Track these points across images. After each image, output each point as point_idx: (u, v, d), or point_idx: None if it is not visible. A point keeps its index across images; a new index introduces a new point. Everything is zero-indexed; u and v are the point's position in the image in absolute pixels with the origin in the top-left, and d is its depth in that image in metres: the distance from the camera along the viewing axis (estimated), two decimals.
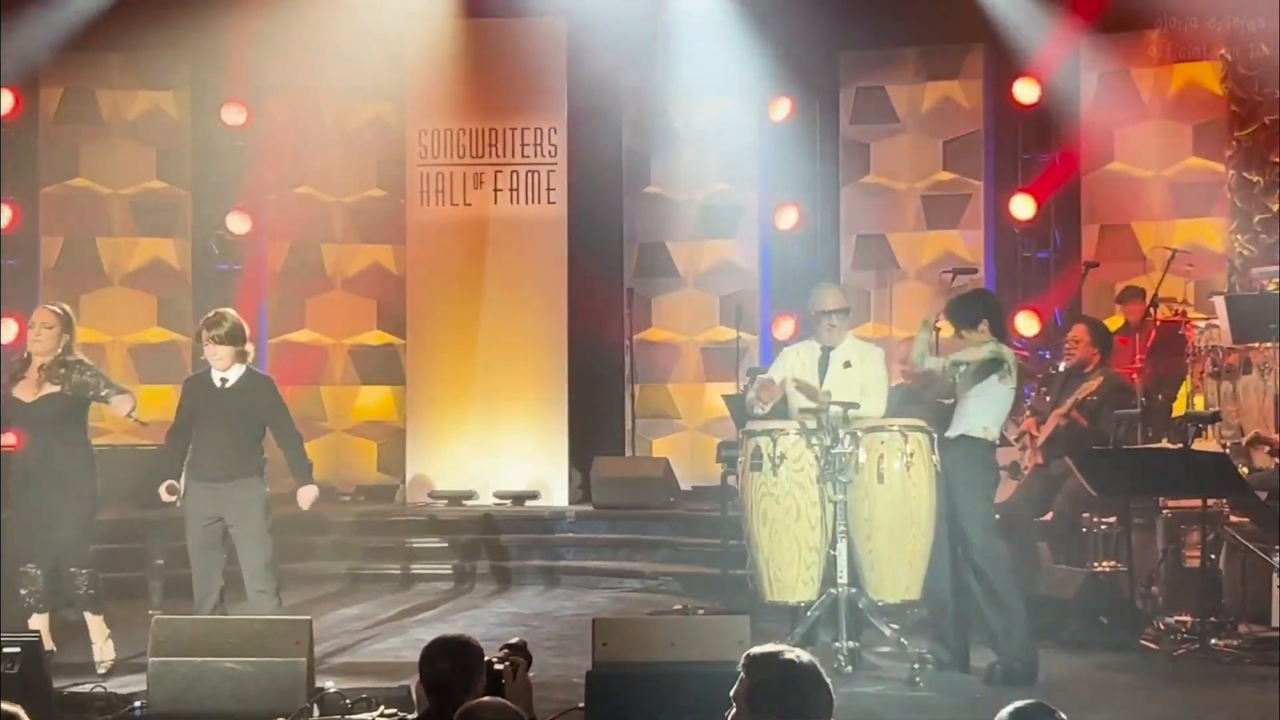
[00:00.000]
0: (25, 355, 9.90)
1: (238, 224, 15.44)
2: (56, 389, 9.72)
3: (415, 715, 6.64)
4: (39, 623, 9.63)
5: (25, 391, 9.72)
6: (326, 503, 14.49)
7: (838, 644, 9.14)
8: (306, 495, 10.02)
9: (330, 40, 14.97)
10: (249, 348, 10.10)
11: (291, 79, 15.49)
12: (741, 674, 4.65)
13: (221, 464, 9.75)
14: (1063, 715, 4.58)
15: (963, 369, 9.63)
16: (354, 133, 15.81)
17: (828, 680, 4.55)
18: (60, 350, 9.79)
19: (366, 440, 15.85)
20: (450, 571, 13.69)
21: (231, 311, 10.22)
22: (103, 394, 9.89)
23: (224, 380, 9.80)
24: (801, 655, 4.74)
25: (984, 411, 9.59)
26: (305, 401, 15.39)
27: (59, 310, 10.03)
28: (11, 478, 9.95)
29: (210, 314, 10.25)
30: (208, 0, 14.73)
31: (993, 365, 9.51)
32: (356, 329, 15.98)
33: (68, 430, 9.87)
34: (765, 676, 4.65)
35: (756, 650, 4.66)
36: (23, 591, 9.75)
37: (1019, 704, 4.65)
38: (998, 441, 9.92)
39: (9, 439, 10.18)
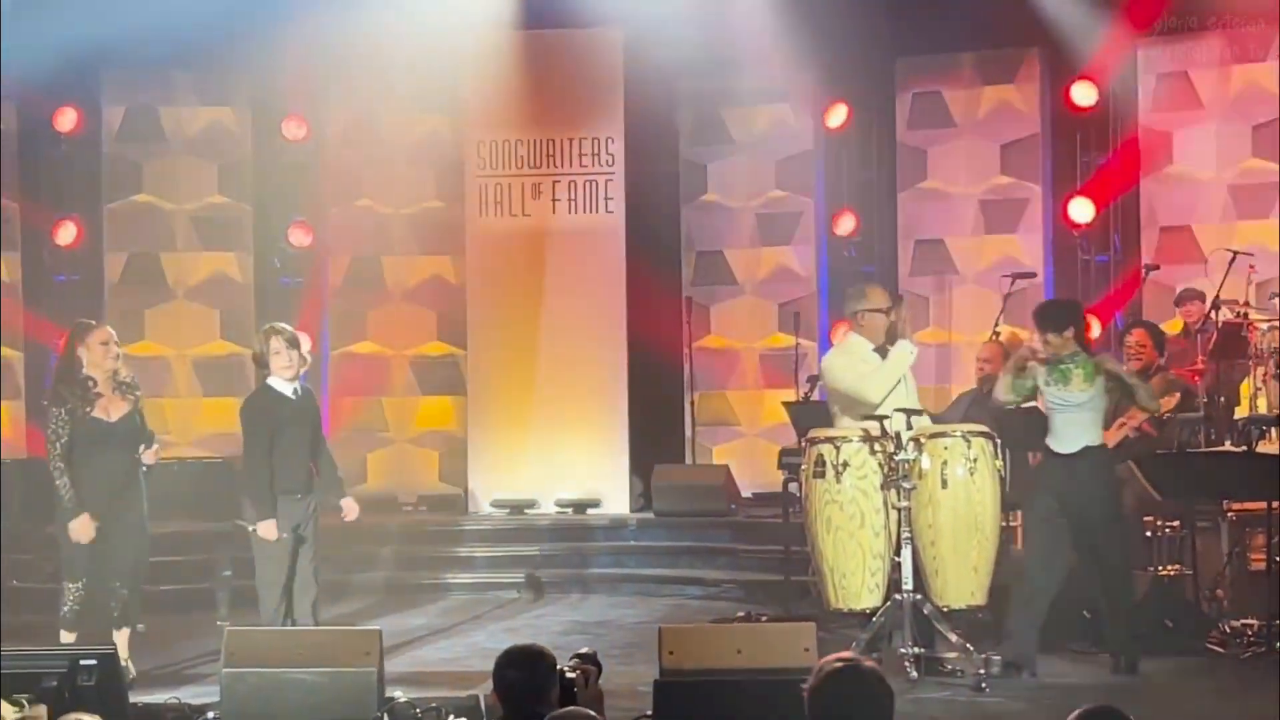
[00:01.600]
0: (82, 376, 9.81)
1: (299, 238, 15.55)
2: (129, 408, 9.82)
3: None
4: (119, 638, 9.64)
5: (105, 411, 9.75)
6: (389, 513, 14.73)
7: (904, 650, 9.14)
8: (352, 507, 10.07)
9: (387, 54, 14.94)
10: (307, 354, 10.21)
11: (350, 93, 15.63)
12: (806, 688, 4.71)
13: (302, 475, 9.87)
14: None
15: (1054, 377, 9.64)
16: (412, 145, 15.78)
17: (890, 689, 4.53)
18: (119, 369, 9.91)
19: (428, 450, 15.81)
20: (513, 580, 13.67)
21: (287, 327, 10.25)
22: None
23: (296, 391, 9.84)
24: (863, 664, 4.78)
25: (1099, 421, 9.67)
26: (367, 413, 15.65)
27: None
28: (93, 496, 9.78)
29: (267, 326, 10.28)
30: (266, 16, 14.66)
31: (1095, 373, 9.55)
32: (417, 340, 15.94)
33: (135, 448, 9.93)
34: (828, 688, 4.69)
35: (828, 663, 4.69)
36: (65, 608, 9.78)
37: (1088, 707, 4.58)
38: None
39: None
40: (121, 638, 9.78)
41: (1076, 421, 9.56)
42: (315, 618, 9.74)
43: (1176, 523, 10.90)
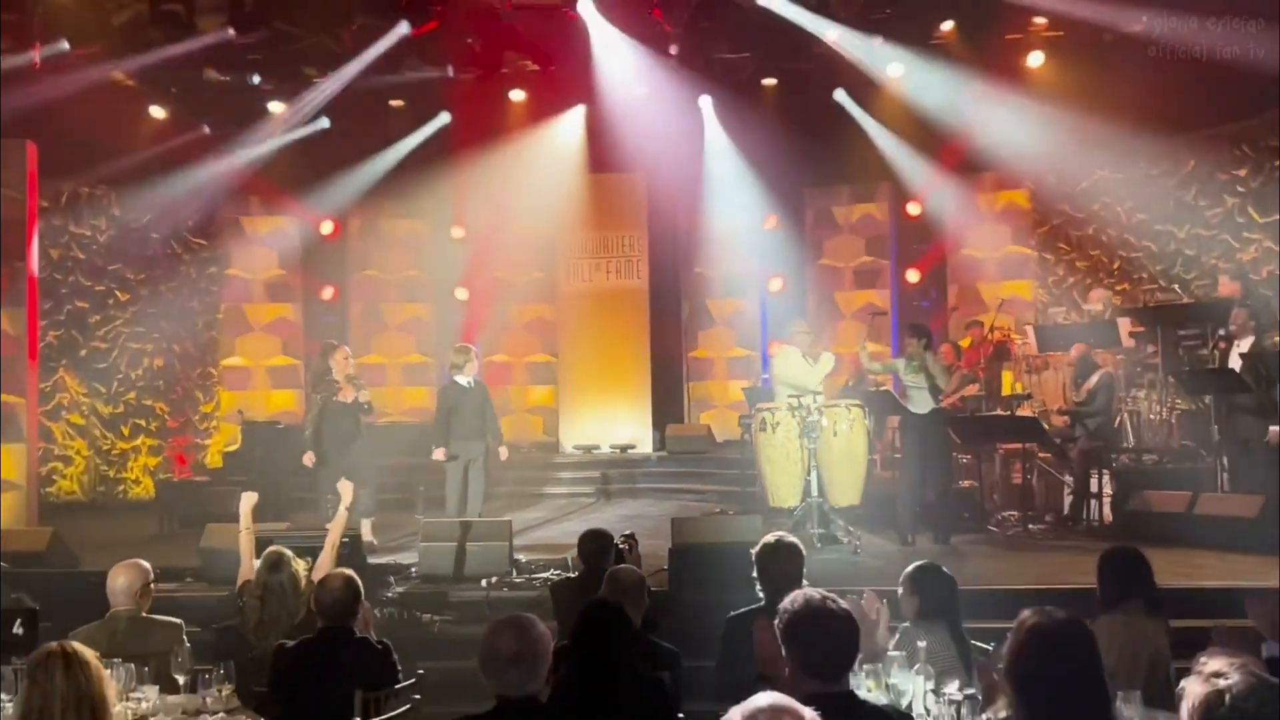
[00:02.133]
0: (331, 377, 10.05)
1: (460, 294, 15.71)
2: (355, 393, 10.08)
3: (575, 574, 6.78)
4: (364, 525, 9.87)
5: (343, 396, 10.00)
6: (515, 452, 14.87)
7: (812, 531, 9.22)
8: (503, 452, 10.22)
9: (513, 182, 14.92)
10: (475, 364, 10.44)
11: (490, 207, 15.37)
12: (754, 552, 4.92)
13: (471, 430, 10.04)
14: (945, 569, 4.82)
15: (910, 368, 9.91)
16: (526, 236, 15.45)
17: (803, 551, 4.87)
18: (351, 370, 10.21)
19: (536, 417, 15.77)
20: (586, 491, 13.69)
21: (469, 345, 10.67)
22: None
23: (469, 383, 10.19)
24: (787, 537, 5.14)
25: (936, 395, 9.77)
26: (502, 395, 15.31)
27: None
28: (332, 443, 10.00)
29: (460, 345, 10.67)
30: (440, 163, 14.86)
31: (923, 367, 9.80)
32: (529, 352, 15.86)
33: (357, 416, 10.16)
34: (766, 551, 5.03)
35: (767, 537, 4.94)
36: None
37: (919, 563, 4.79)
38: None
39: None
40: (366, 525, 9.97)
41: (925, 396, 9.84)
42: (480, 513, 9.89)
43: (969, 456, 11.04)
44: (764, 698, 2.54)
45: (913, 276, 15.17)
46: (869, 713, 3.25)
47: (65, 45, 11.55)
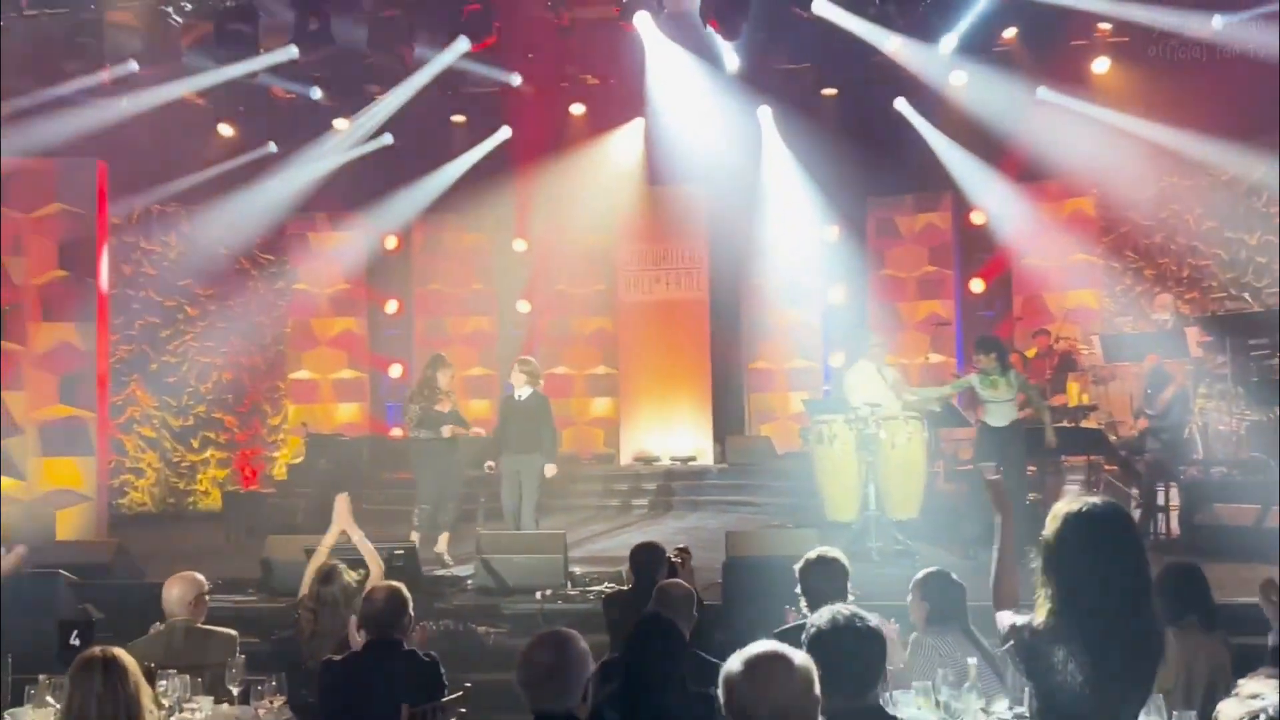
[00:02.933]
0: (437, 387, 10.05)
1: (522, 306, 15.79)
2: (450, 405, 10.12)
3: (627, 587, 6.78)
4: (441, 539, 9.91)
5: (442, 407, 10.01)
6: (575, 464, 14.71)
7: (870, 545, 9.21)
8: (550, 469, 10.05)
9: (573, 195, 14.92)
10: (540, 376, 10.38)
11: (551, 220, 15.41)
12: (797, 567, 4.86)
13: (525, 443, 9.95)
14: (954, 576, 4.83)
15: (985, 383, 9.76)
16: (587, 249, 15.44)
17: (847, 566, 4.81)
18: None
19: (597, 429, 15.71)
20: (644, 504, 13.57)
21: (531, 358, 10.68)
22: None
23: (522, 396, 10.16)
24: (830, 552, 5.09)
25: (1015, 408, 9.65)
26: (564, 408, 15.32)
27: None
28: (428, 458, 10.07)
29: (519, 358, 10.70)
30: (502, 177, 14.95)
31: (1010, 381, 9.65)
32: (590, 364, 15.80)
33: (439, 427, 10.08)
34: (809, 566, 5.00)
35: (810, 553, 4.88)
36: (415, 519, 9.99)
37: (926, 570, 4.83)
38: None
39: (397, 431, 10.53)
40: (443, 539, 9.96)
41: (1001, 410, 9.72)
42: (535, 525, 9.91)
43: (1033, 469, 10.54)
44: (763, 644, 2.70)
45: (977, 286, 15.01)
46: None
47: (134, 65, 11.79)
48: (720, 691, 2.70)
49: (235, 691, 4.85)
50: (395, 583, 5.10)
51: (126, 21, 11.34)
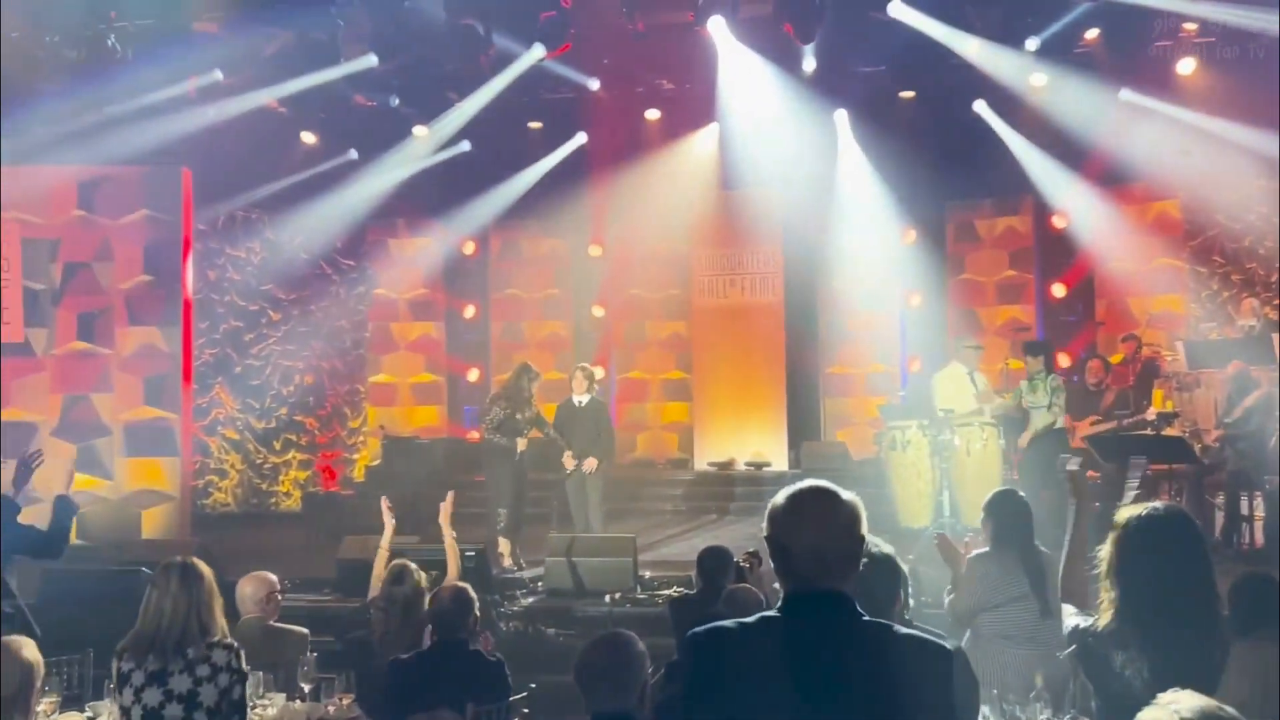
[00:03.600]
0: (526, 395, 10.18)
1: (598, 311, 15.85)
2: (532, 414, 10.26)
3: (695, 591, 6.74)
4: (503, 544, 10.05)
5: (520, 413, 10.14)
6: (648, 469, 14.85)
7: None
8: (590, 463, 10.16)
9: (648, 201, 14.91)
10: (596, 382, 10.53)
11: (625, 226, 15.40)
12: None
13: (583, 445, 10.12)
14: (1020, 493, 5.21)
15: (1028, 388, 9.70)
16: (662, 253, 15.43)
17: (900, 567, 4.87)
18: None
19: (671, 434, 15.61)
20: (716, 508, 13.54)
21: (588, 365, 10.76)
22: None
23: (580, 402, 10.29)
24: (882, 547, 5.03)
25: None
26: (638, 412, 15.67)
27: None
28: (503, 461, 10.23)
29: (579, 364, 10.81)
30: (577, 182, 14.99)
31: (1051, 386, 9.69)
32: (664, 369, 15.75)
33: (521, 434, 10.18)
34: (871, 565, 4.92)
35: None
36: (499, 524, 10.13)
37: (996, 489, 5.21)
38: None
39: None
40: (506, 544, 10.07)
41: (1040, 415, 9.60)
42: (601, 527, 10.02)
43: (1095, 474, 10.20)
44: (812, 480, 2.69)
45: (1058, 291, 14.78)
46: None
47: (218, 75, 12.06)
48: (764, 525, 2.67)
49: (306, 689, 4.96)
50: (462, 583, 5.16)
51: (211, 31, 11.60)
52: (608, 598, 8.39)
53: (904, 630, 2.64)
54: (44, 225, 11.62)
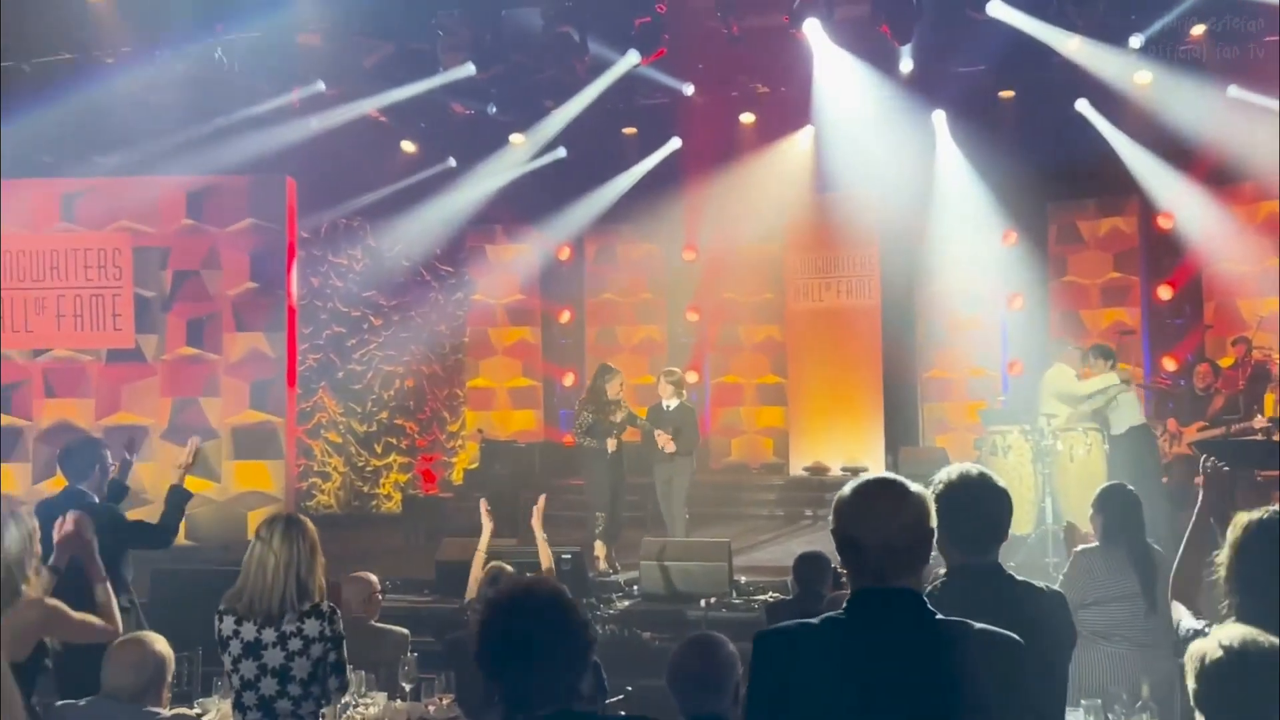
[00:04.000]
0: (605, 398, 10.15)
1: (691, 316, 15.87)
2: (622, 415, 10.21)
3: (790, 597, 6.79)
4: (599, 548, 10.06)
5: (614, 417, 10.13)
6: (743, 473, 14.87)
7: (1047, 560, 8.96)
8: (664, 438, 10.06)
9: (741, 205, 14.91)
10: (685, 387, 10.52)
11: (719, 230, 15.44)
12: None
13: (669, 452, 10.11)
14: (1130, 488, 5.12)
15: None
16: (755, 257, 15.41)
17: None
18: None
19: (766, 438, 15.64)
20: (812, 514, 13.49)
21: (676, 369, 10.76)
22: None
23: (668, 406, 10.29)
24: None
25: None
26: (730, 417, 15.69)
27: None
28: (597, 464, 10.23)
29: (665, 369, 10.83)
30: (672, 186, 15.05)
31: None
32: (758, 373, 15.76)
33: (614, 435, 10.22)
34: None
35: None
36: (597, 529, 10.15)
37: (1106, 484, 5.20)
38: None
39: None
40: (604, 545, 10.10)
41: (1120, 416, 9.47)
42: (685, 531, 10.01)
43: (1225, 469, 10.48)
44: (873, 474, 2.71)
45: (1164, 293, 14.43)
46: (1011, 583, 3.24)
47: (321, 86, 12.31)
48: (830, 519, 2.67)
49: (407, 688, 5.02)
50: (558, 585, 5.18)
51: (314, 43, 11.84)
52: (703, 602, 8.38)
53: (977, 626, 2.57)
54: (154, 234, 11.94)
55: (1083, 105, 13.70)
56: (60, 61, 10.98)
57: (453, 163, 14.96)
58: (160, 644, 4.29)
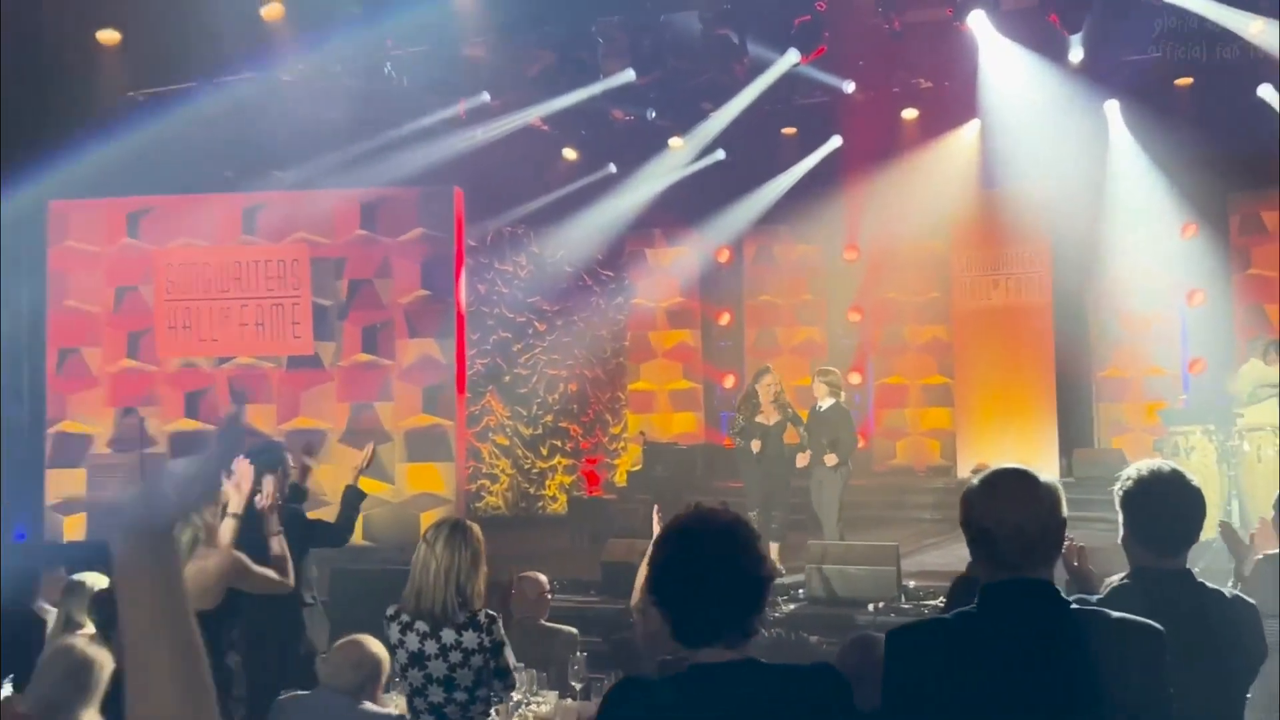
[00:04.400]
0: (755, 400, 10.08)
1: (853, 316, 15.77)
2: (780, 416, 10.10)
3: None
4: (773, 549, 9.82)
5: (765, 417, 10.06)
6: (910, 476, 14.69)
7: (1228, 565, 8.63)
8: (831, 459, 9.88)
9: (904, 202, 14.69)
10: (841, 387, 10.32)
11: (881, 229, 15.28)
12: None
13: (818, 451, 9.95)
14: None
15: None
16: (920, 255, 15.29)
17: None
18: (779, 393, 10.19)
19: (933, 440, 15.45)
20: None
21: (833, 369, 10.61)
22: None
23: (822, 407, 10.13)
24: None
25: None
26: (894, 418, 15.57)
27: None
28: (747, 465, 10.22)
29: (820, 369, 10.69)
30: (832, 186, 14.93)
31: None
32: (924, 374, 15.60)
33: (781, 439, 10.09)
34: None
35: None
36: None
37: None
38: None
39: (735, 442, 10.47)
40: (774, 548, 9.86)
41: None
42: (839, 535, 9.87)
43: None
44: (1003, 465, 2.65)
45: None
46: (1199, 590, 3.12)
47: (486, 97, 12.57)
48: (960, 510, 2.60)
49: (578, 687, 5.07)
50: None
51: (479, 55, 12.09)
52: (871, 606, 8.28)
53: (1114, 615, 2.53)
54: (330, 245, 12.33)
55: (1266, 91, 13.04)
56: (242, 80, 11.45)
57: (613, 168, 15.13)
58: (376, 646, 4.49)
